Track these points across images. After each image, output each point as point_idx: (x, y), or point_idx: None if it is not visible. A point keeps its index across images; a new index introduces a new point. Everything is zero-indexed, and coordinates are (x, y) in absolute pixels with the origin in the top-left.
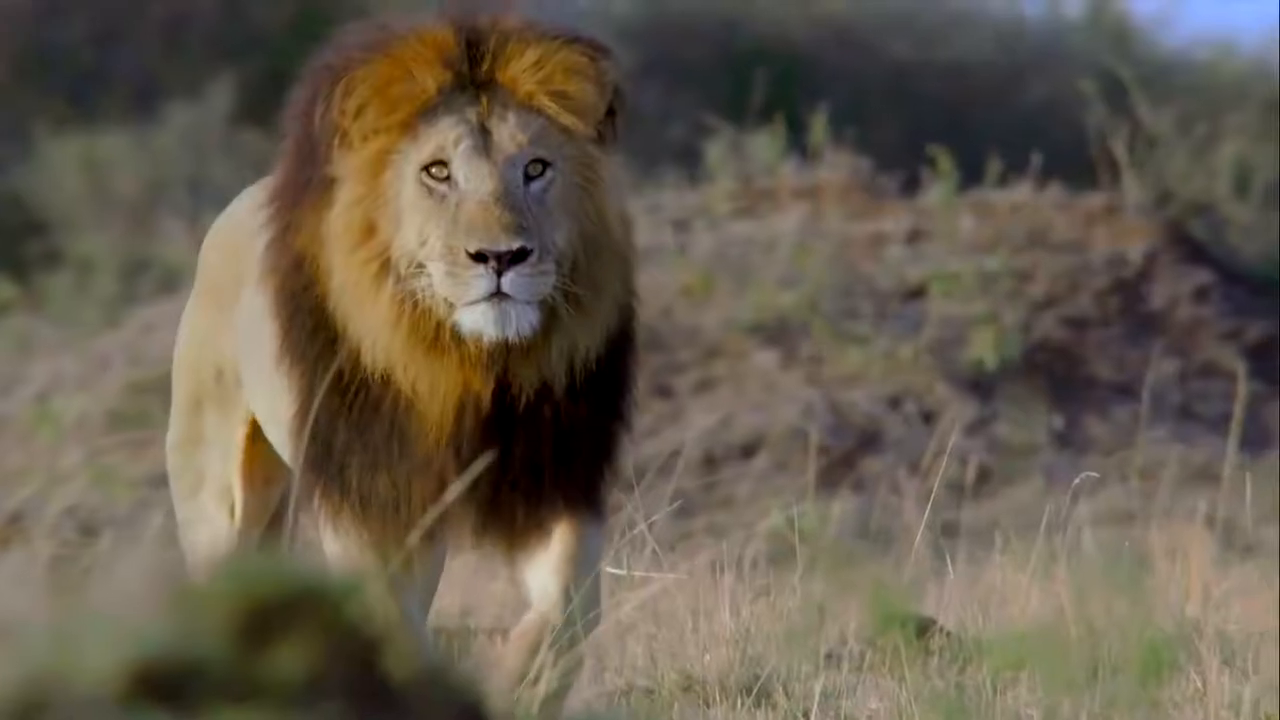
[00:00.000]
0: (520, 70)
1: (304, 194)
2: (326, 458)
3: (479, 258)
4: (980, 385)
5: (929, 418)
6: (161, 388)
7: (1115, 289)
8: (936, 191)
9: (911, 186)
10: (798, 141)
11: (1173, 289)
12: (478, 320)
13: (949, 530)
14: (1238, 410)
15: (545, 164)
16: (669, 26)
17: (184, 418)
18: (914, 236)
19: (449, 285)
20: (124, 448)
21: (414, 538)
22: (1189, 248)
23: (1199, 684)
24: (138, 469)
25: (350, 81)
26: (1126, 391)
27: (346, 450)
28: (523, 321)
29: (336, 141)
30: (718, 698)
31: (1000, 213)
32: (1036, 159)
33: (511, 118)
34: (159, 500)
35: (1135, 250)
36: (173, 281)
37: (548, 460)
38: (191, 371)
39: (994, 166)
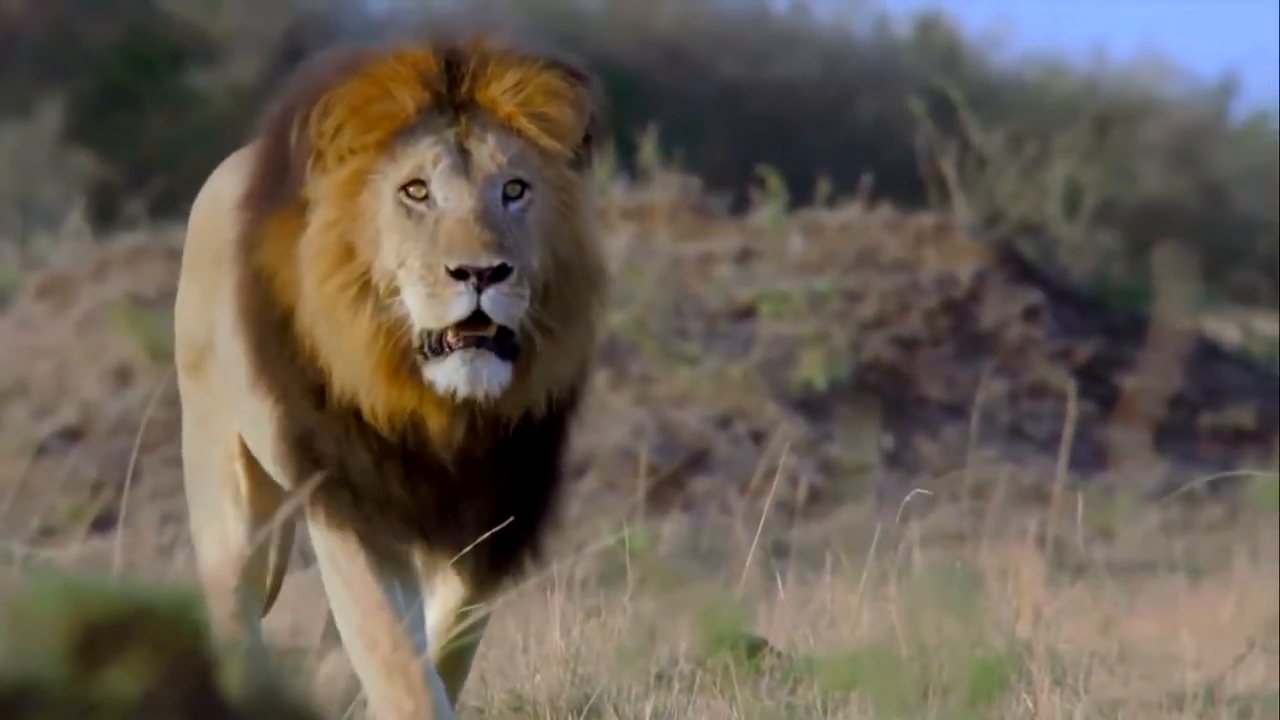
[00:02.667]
0: (500, 92)
1: (269, 208)
2: (328, 484)
3: (459, 274)
4: (810, 405)
5: (759, 437)
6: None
7: (945, 309)
8: (766, 211)
9: (741, 206)
10: (627, 162)
11: (1002, 309)
12: (450, 377)
13: (779, 550)
14: (1068, 430)
15: (524, 185)
16: None
17: (186, 394)
18: (743, 256)
19: (429, 306)
20: None
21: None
22: (1019, 267)
23: (1030, 704)
24: None
25: (328, 101)
26: (957, 411)
27: (344, 474)
28: (494, 380)
29: (312, 163)
30: (548, 718)
31: (830, 233)
32: (866, 179)
33: (491, 138)
34: None
35: (965, 270)
36: (4, 300)
37: (521, 493)
38: (187, 343)
39: (823, 186)
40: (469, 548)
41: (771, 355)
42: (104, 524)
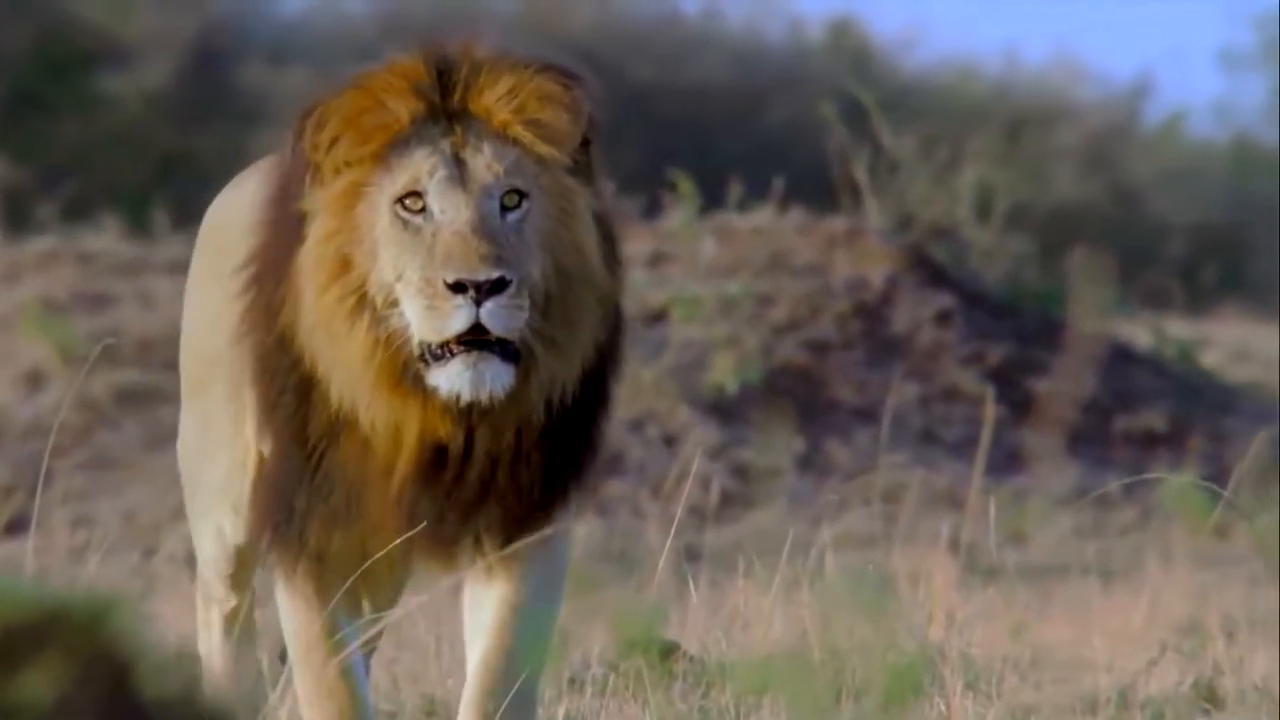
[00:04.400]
0: (494, 99)
1: (286, 258)
2: (287, 520)
3: (458, 288)
4: (722, 409)
5: (671, 441)
6: None
7: (857, 313)
8: (678, 215)
9: (653, 210)
10: None
11: (914, 313)
12: (453, 381)
13: (692, 554)
14: (984, 434)
15: (521, 194)
16: (409, 47)
17: (190, 404)
18: (655, 260)
19: (428, 319)
20: None
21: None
22: (930, 271)
23: (943, 708)
24: None
25: (322, 114)
26: (868, 415)
27: (308, 512)
28: (497, 382)
29: (309, 177)
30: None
31: (742, 236)
32: (778, 183)
33: (486, 148)
34: None
35: (877, 274)
36: None
37: (517, 500)
38: (196, 355)
39: (735, 190)
40: (468, 548)
41: (683, 359)
42: (16, 528)
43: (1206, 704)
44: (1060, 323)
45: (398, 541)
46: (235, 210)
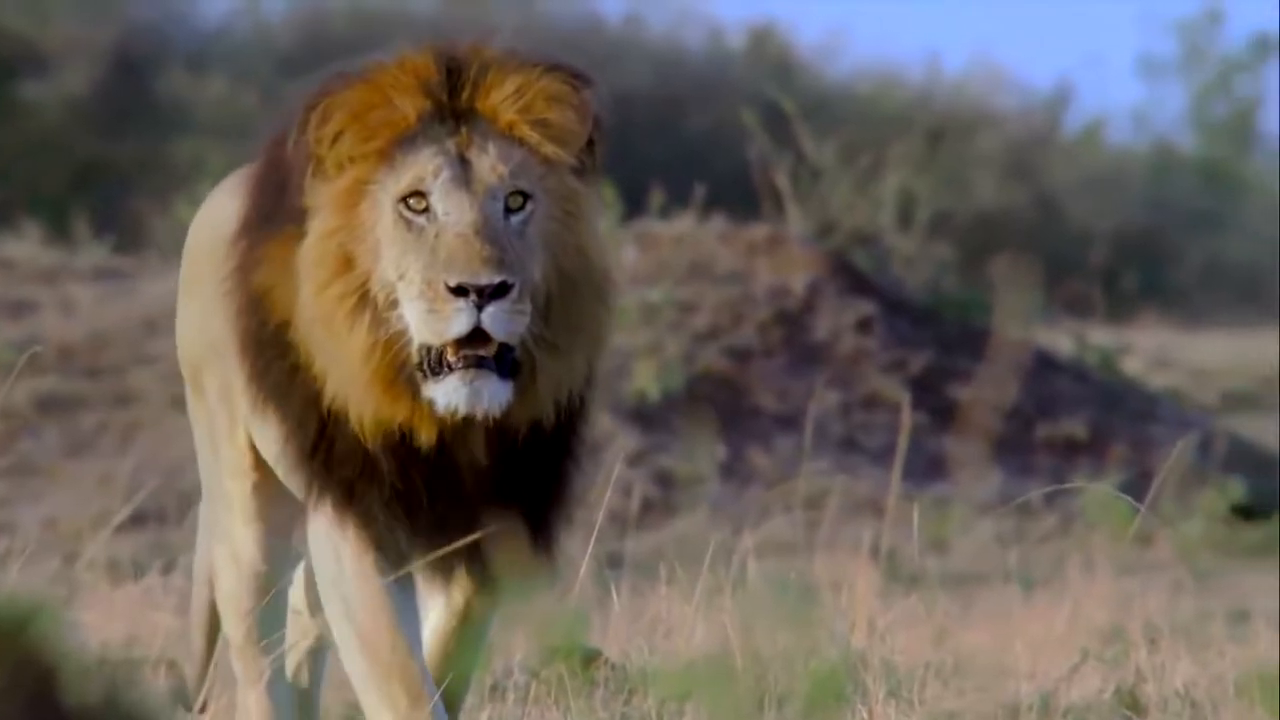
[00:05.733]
0: (501, 99)
1: (267, 226)
2: (330, 483)
3: (459, 291)
4: (644, 416)
5: (592, 448)
6: None
7: (778, 320)
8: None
9: None
10: None
11: (836, 320)
12: (450, 397)
13: (613, 561)
14: (902, 441)
15: (526, 196)
16: (328, 56)
17: (193, 414)
18: None
19: (429, 322)
20: None
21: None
22: (852, 278)
23: (865, 715)
24: None
25: (327, 107)
26: (790, 422)
27: (348, 478)
28: (495, 400)
29: (311, 170)
30: None
31: (663, 244)
32: (699, 190)
33: (492, 148)
34: None
35: (798, 281)
36: None
37: (539, 497)
38: (189, 361)
39: (657, 197)
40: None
41: (604, 366)
42: None
43: (1128, 711)
44: (981, 330)
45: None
46: (207, 222)
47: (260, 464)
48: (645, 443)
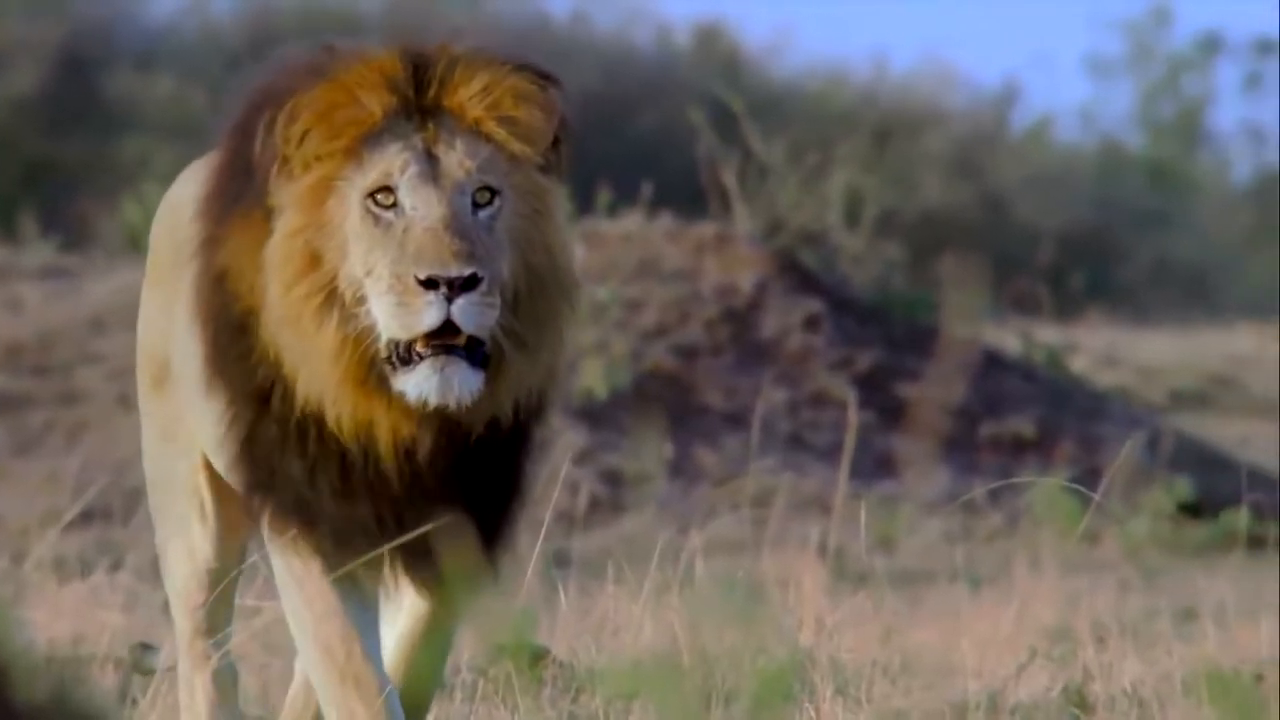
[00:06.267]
0: (468, 96)
1: (232, 208)
2: (271, 486)
3: (429, 284)
4: (591, 414)
5: (541, 446)
6: None
7: (726, 318)
8: None
9: None
10: None
11: (783, 318)
12: (420, 386)
13: (561, 560)
14: (849, 439)
15: (493, 192)
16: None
17: (148, 409)
18: None
19: (399, 316)
20: None
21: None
22: (799, 277)
23: (813, 714)
24: None
25: (294, 107)
26: (737, 420)
27: (292, 479)
28: (465, 389)
29: (277, 169)
30: None
31: (611, 242)
32: (647, 188)
33: (459, 144)
34: None
35: (746, 279)
36: None
37: (492, 497)
38: (150, 356)
39: (604, 196)
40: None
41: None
42: None
43: (1076, 709)
44: (929, 328)
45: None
46: (165, 214)
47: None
48: (592, 441)
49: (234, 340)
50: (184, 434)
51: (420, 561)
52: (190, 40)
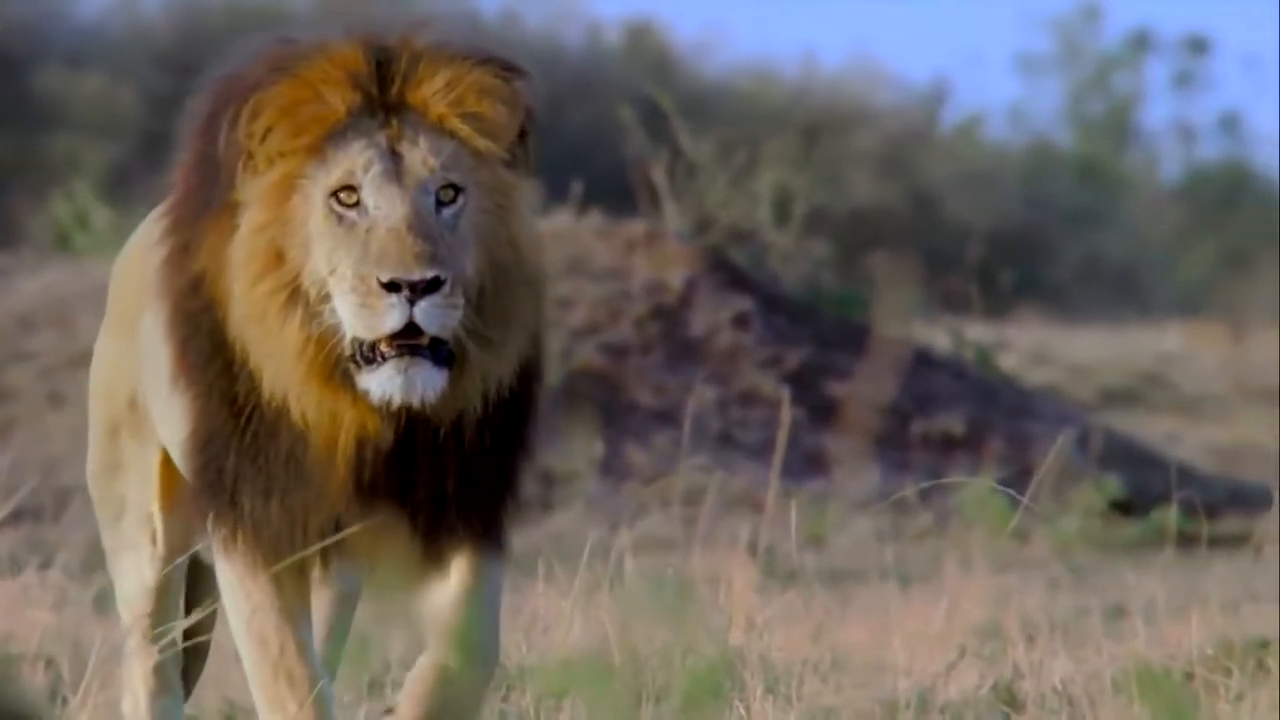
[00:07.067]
0: (431, 92)
1: (204, 211)
2: (219, 483)
3: (392, 287)
4: None
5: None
6: None
7: (656, 316)
8: None
9: None
10: None
11: (713, 316)
12: (384, 386)
13: None
14: (780, 437)
15: (457, 189)
16: (205, 52)
17: (101, 445)
18: None
19: (362, 317)
20: None
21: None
22: (729, 274)
23: (743, 712)
24: None
25: (257, 103)
26: (667, 418)
27: (238, 476)
28: (429, 388)
29: (242, 165)
30: None
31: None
32: (576, 186)
33: (423, 141)
34: None
35: (676, 277)
36: None
37: (451, 491)
38: (106, 399)
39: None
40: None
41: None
42: None
43: (1006, 707)
44: (859, 326)
45: (323, 511)
46: (131, 258)
47: (168, 478)
48: None
49: (205, 340)
50: (136, 464)
51: (389, 550)
52: (119, 38)
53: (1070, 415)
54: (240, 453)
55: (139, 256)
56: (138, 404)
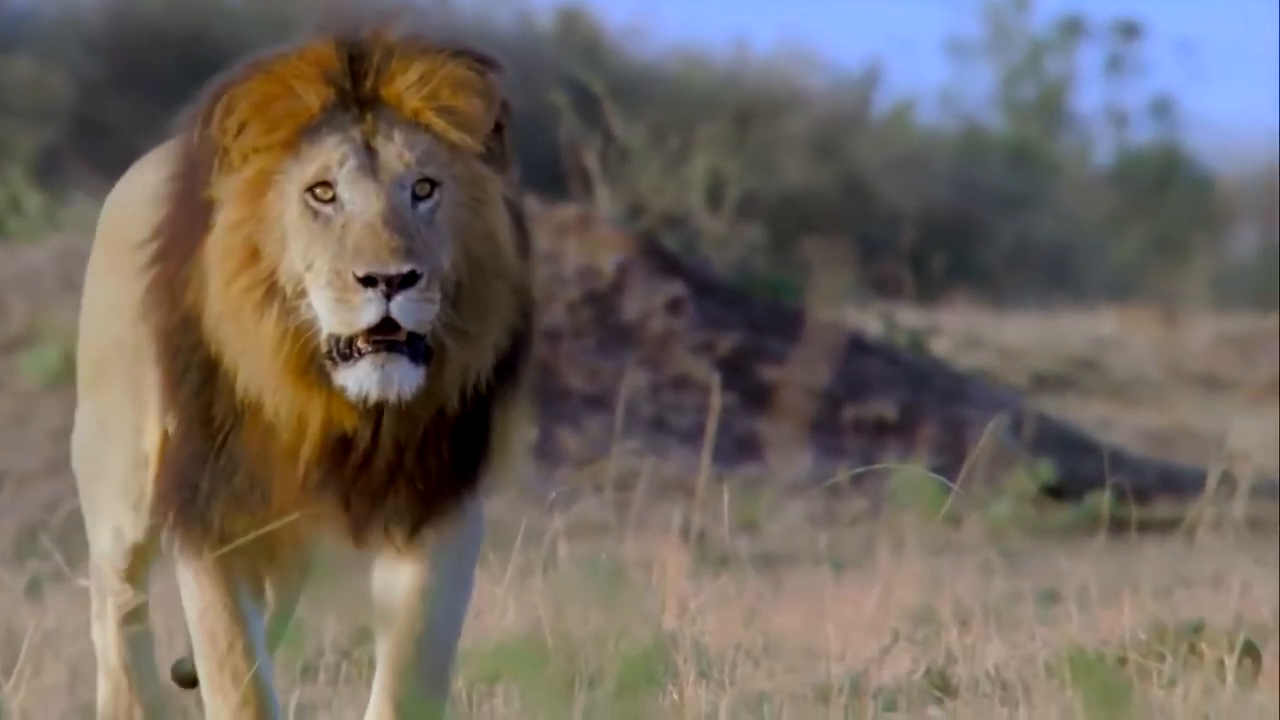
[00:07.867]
0: (405, 86)
1: (191, 237)
2: (191, 499)
3: (368, 281)
4: None
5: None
6: None
7: (588, 300)
8: None
9: None
10: None
11: (645, 301)
12: (361, 382)
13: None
14: (711, 422)
15: (433, 184)
16: (137, 36)
17: (88, 399)
18: None
19: (338, 312)
20: None
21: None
22: (661, 259)
23: (676, 696)
24: None
25: (231, 99)
26: (600, 403)
27: (212, 494)
28: (406, 384)
29: (217, 162)
30: (192, 712)
31: None
32: None
33: (398, 136)
34: None
35: (608, 262)
36: None
37: (421, 489)
38: (94, 347)
39: None
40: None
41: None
42: None
43: (939, 692)
44: (791, 311)
45: (292, 518)
46: (133, 197)
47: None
48: None
49: (198, 378)
50: (123, 426)
51: (365, 543)
52: (50, 23)
53: (1003, 400)
54: (214, 475)
55: (137, 196)
56: (126, 352)
